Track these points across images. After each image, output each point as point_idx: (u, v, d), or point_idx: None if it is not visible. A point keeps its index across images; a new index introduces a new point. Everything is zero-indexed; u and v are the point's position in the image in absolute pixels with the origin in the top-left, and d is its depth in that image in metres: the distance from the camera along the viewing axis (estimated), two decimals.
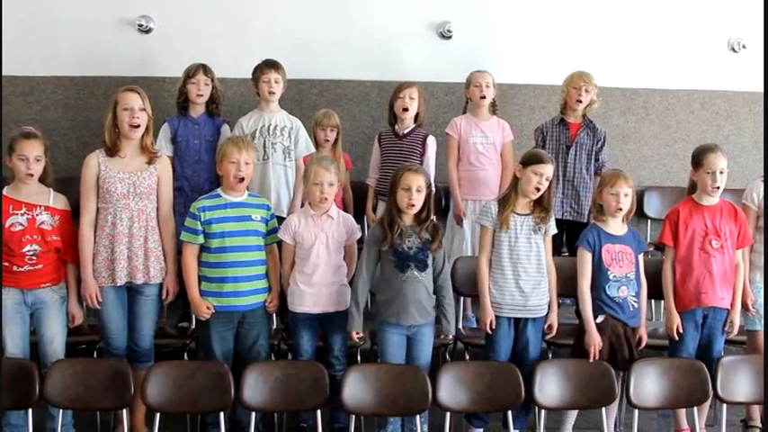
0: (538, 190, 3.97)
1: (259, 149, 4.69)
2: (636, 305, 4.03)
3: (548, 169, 3.97)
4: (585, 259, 4.02)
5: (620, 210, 4.03)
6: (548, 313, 4.05)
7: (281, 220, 4.20)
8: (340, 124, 5.11)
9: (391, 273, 3.87)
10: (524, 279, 3.97)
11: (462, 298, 4.61)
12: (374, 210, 5.10)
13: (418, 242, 3.86)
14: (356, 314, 3.90)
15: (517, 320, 4.01)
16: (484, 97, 5.07)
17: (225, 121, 4.95)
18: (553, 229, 4.09)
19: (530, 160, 4.02)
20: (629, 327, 4.01)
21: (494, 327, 3.99)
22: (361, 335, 3.96)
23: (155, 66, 5.54)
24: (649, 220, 5.84)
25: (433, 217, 3.98)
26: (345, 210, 4.95)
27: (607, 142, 5.16)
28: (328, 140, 5.06)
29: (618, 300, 3.99)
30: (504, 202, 4.06)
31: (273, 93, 4.80)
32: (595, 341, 3.93)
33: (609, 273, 3.99)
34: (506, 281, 3.98)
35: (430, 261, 3.89)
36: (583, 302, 4.01)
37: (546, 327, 4.06)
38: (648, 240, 5.70)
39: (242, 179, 3.96)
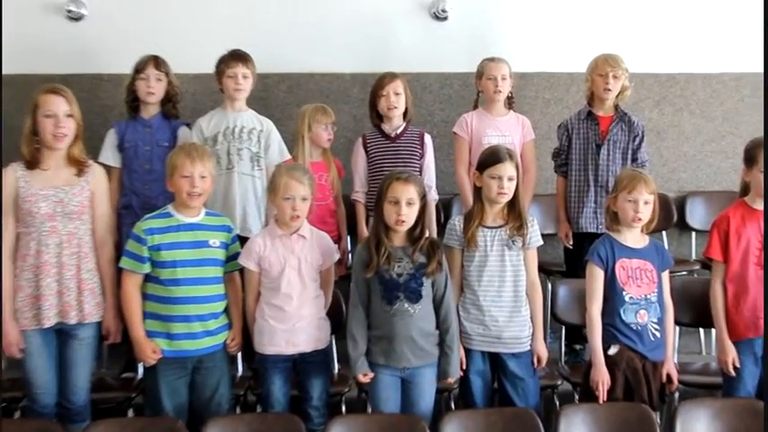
0: (502, 194, 3.94)
1: (222, 156, 4.69)
2: (658, 334, 3.97)
3: (506, 169, 3.94)
4: (596, 277, 3.98)
5: (639, 220, 3.98)
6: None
7: (247, 241, 4.12)
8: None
9: (378, 305, 3.83)
10: (498, 306, 3.96)
11: None
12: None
13: (410, 267, 3.81)
14: (354, 354, 3.84)
15: (494, 355, 3.98)
16: (499, 92, 5.05)
17: (184, 123, 4.93)
18: (537, 241, 4.04)
19: (483, 162, 4.01)
20: (650, 361, 3.95)
21: (464, 366, 3.97)
22: (369, 375, 3.85)
23: (89, 60, 5.54)
24: (693, 233, 5.86)
25: (428, 233, 3.94)
26: (338, 229, 5.02)
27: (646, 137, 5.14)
28: (330, 139, 5.05)
29: (636, 327, 3.93)
30: (470, 215, 4.05)
31: (240, 90, 4.80)
32: (603, 377, 3.88)
33: (624, 294, 3.95)
34: (478, 308, 3.98)
35: (427, 289, 3.83)
36: (591, 330, 3.97)
37: (535, 360, 4.01)
38: (693, 257, 5.80)
39: (198, 196, 3.89)
